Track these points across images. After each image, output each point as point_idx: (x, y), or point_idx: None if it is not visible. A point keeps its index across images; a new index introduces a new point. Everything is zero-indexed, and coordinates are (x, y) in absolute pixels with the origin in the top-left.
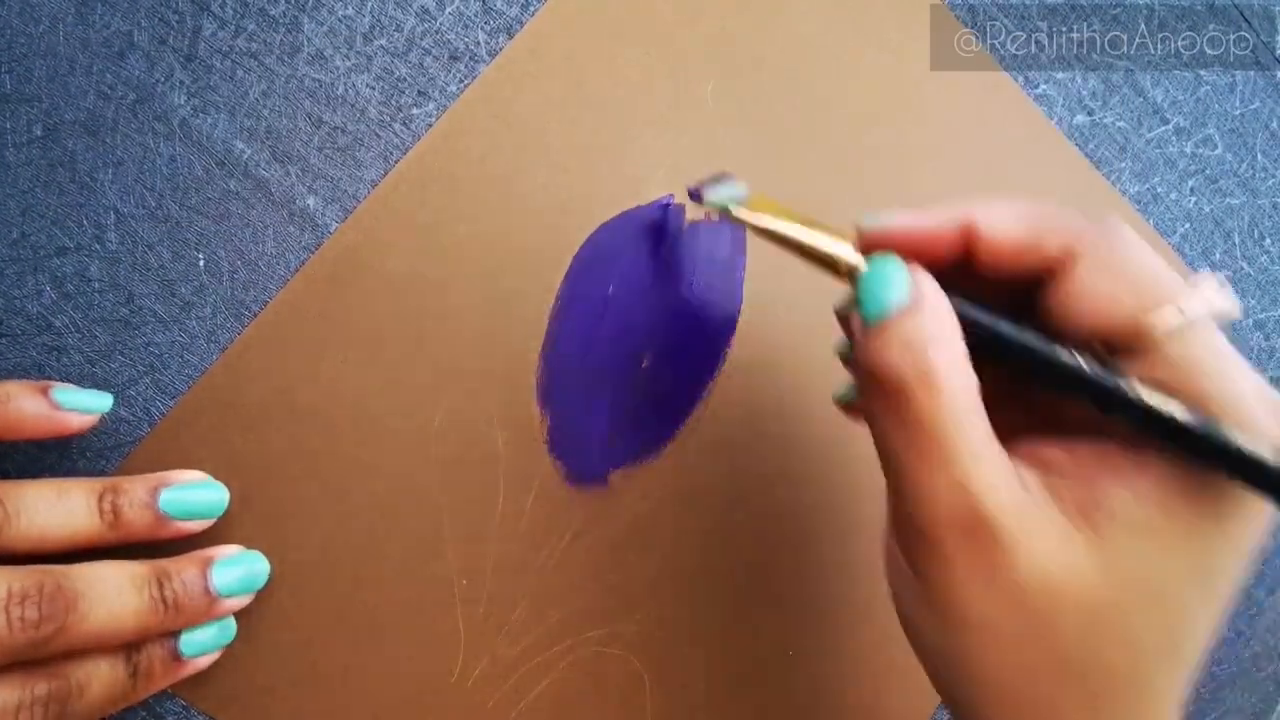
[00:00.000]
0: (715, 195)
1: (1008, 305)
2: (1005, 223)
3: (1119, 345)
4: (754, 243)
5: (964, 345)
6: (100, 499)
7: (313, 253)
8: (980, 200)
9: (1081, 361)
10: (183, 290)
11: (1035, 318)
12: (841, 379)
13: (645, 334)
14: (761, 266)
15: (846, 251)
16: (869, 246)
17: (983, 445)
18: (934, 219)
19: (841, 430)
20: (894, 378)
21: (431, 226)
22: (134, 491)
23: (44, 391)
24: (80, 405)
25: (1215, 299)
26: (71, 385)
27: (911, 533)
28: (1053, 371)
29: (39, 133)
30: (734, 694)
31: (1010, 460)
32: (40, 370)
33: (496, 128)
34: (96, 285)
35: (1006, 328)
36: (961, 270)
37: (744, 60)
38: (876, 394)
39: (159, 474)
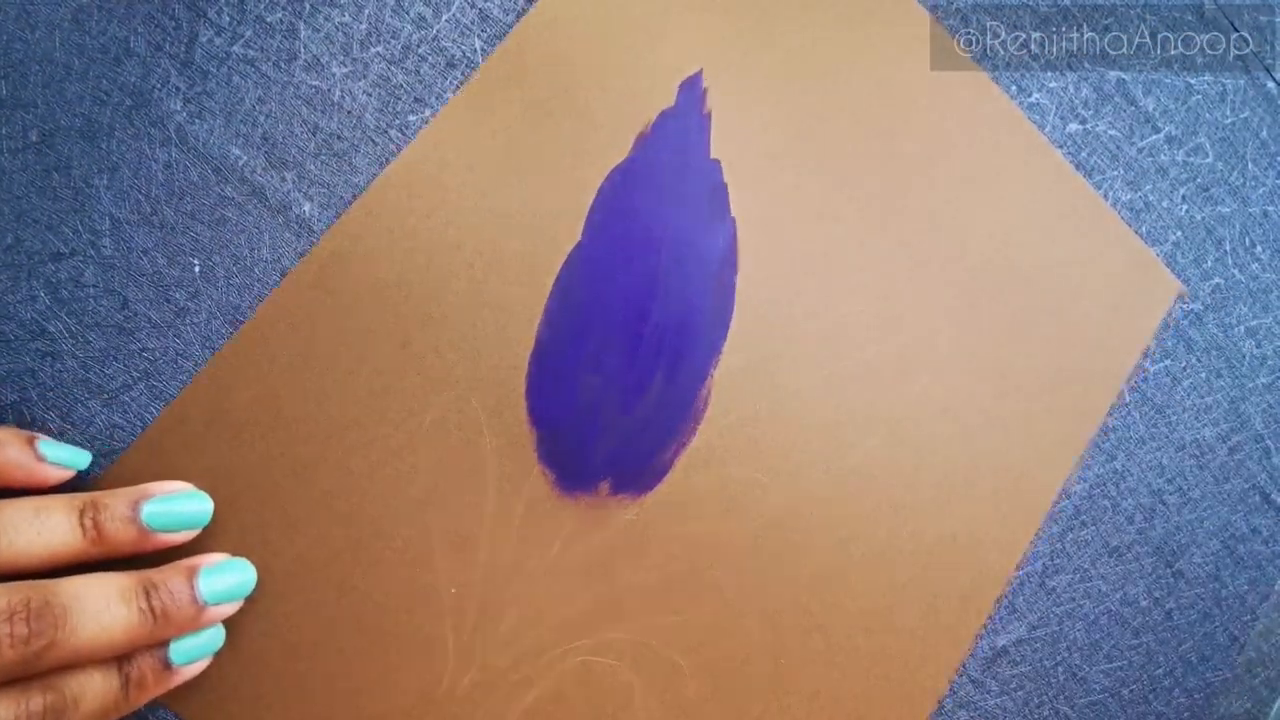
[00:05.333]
0: None
1: None
2: None
3: None
4: (748, 247)
5: None
6: (81, 515)
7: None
8: None
9: None
10: (178, 296)
11: None
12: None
13: (635, 340)
14: (755, 272)
15: None
16: None
17: None
18: None
19: (834, 438)
20: None
21: (418, 232)
22: (115, 506)
23: (31, 442)
24: (62, 460)
25: None
26: (55, 440)
27: None
28: None
29: (34, 138)
30: (724, 703)
31: None
32: (34, 376)
33: (484, 133)
34: (91, 291)
35: None
36: None
37: (736, 63)
38: None
39: (139, 487)
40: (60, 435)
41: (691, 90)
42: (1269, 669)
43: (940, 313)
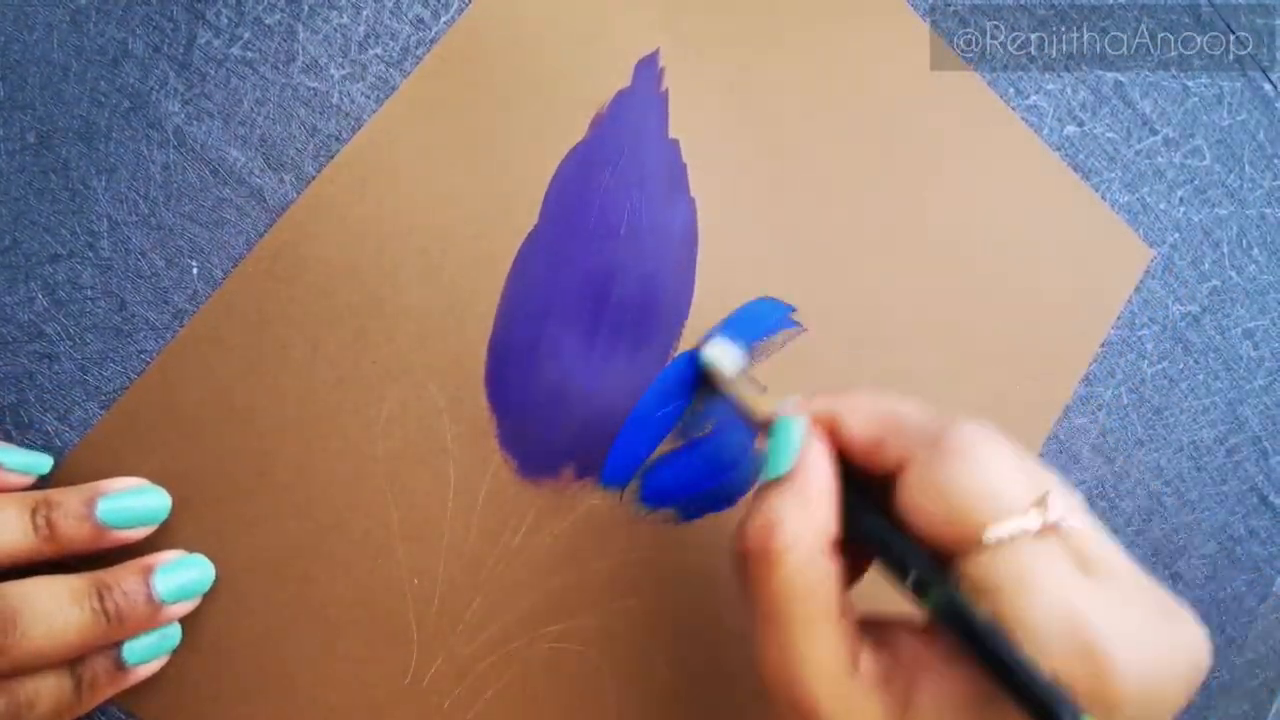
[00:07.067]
0: (717, 352)
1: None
2: (859, 422)
3: (947, 558)
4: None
5: (826, 525)
6: (33, 514)
7: None
8: (848, 394)
9: (910, 564)
10: (176, 298)
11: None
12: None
13: (594, 324)
14: (716, 251)
15: (764, 411)
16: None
17: (818, 623)
18: (814, 410)
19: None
20: (743, 549)
21: (370, 219)
22: (68, 504)
23: None
24: (21, 466)
25: (1028, 520)
26: (14, 446)
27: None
28: (890, 568)
29: (32, 139)
30: (697, 684)
31: (860, 640)
32: (31, 378)
33: (436, 117)
34: (89, 293)
35: (868, 520)
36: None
37: (694, 41)
38: (737, 556)
39: (92, 484)
40: (58, 438)
41: (648, 69)
42: (1268, 670)
43: (906, 286)
